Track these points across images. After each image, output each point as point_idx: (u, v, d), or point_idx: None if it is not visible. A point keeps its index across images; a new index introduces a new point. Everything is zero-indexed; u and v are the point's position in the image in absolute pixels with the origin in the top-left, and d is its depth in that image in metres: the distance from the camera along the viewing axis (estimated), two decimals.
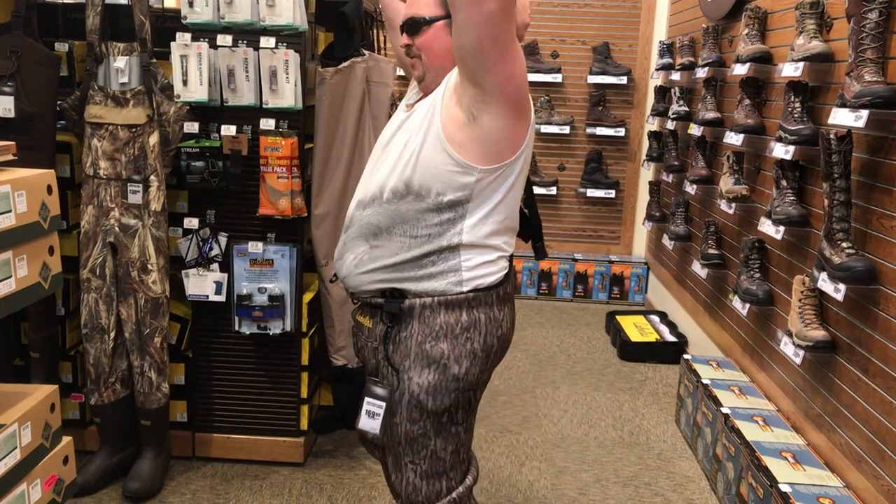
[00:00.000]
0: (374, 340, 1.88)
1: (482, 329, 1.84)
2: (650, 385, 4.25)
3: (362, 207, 1.84)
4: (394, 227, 1.79)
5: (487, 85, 1.67)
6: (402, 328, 1.82)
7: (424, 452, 1.86)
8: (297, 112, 2.86)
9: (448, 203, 1.75)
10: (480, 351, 1.84)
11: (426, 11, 1.79)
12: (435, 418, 1.84)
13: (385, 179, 1.80)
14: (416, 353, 1.81)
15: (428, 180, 1.74)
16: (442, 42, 1.80)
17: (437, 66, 1.82)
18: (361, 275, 1.84)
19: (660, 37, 5.58)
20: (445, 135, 1.73)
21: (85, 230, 2.78)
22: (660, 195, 5.27)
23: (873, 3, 2.37)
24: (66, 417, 3.07)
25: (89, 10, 2.74)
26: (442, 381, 1.81)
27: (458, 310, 1.81)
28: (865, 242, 2.53)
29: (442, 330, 1.81)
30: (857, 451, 2.51)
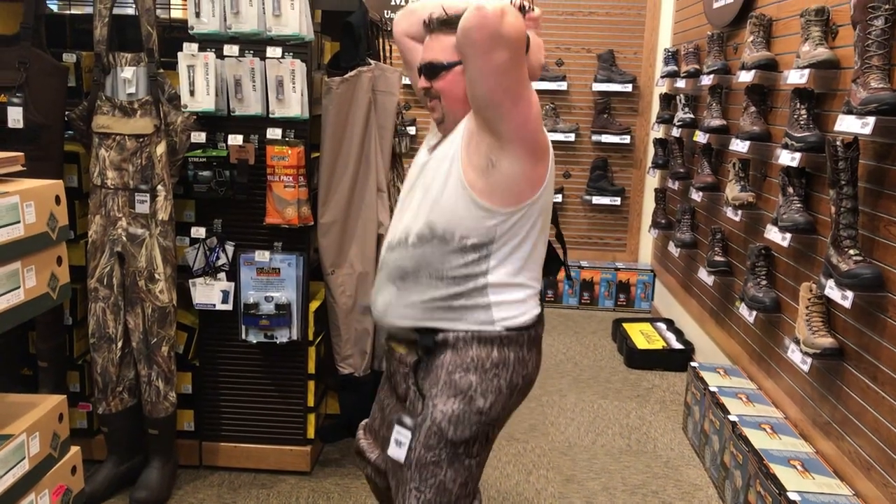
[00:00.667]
0: (405, 367, 1.93)
1: (510, 367, 1.87)
2: (657, 393, 4.24)
3: (391, 250, 1.89)
4: (420, 270, 1.83)
5: (503, 132, 1.72)
6: (436, 357, 1.87)
7: (432, 481, 1.85)
8: (303, 121, 2.87)
9: (472, 246, 1.80)
10: (506, 388, 1.87)
11: (444, 56, 1.82)
12: (452, 448, 1.84)
13: (410, 224, 1.84)
14: (445, 381, 1.85)
15: (451, 224, 1.79)
16: (461, 86, 1.82)
17: (455, 109, 1.85)
18: (393, 316, 1.89)
19: (665, 44, 5.58)
20: (467, 180, 1.77)
21: (92, 240, 2.79)
22: (665, 202, 5.27)
23: (879, 10, 2.37)
24: (74, 426, 3.08)
25: (97, 21, 2.75)
26: (466, 412, 1.84)
27: (491, 346, 1.85)
28: (873, 249, 2.52)
29: (473, 362, 1.84)
30: (866, 460, 2.50)
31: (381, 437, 2.06)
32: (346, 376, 3.03)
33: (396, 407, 2.01)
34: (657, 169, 5.27)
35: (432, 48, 1.85)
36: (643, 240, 5.91)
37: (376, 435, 2.09)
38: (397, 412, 1.96)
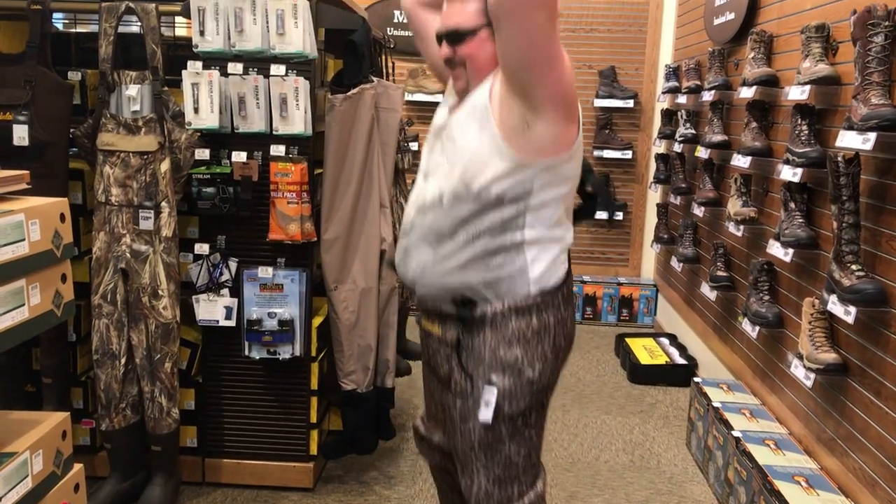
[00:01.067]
0: (445, 347, 1.92)
1: (551, 331, 1.88)
2: (661, 408, 4.23)
3: (423, 213, 1.88)
4: (457, 229, 1.82)
5: (537, 95, 1.71)
6: (475, 335, 1.86)
7: (498, 458, 1.88)
8: (306, 138, 2.89)
9: (509, 199, 1.79)
10: (551, 352, 1.88)
11: (468, 21, 1.80)
12: (510, 422, 1.86)
13: (442, 184, 1.83)
14: (491, 358, 1.85)
15: (487, 180, 1.77)
16: (486, 50, 1.81)
17: (482, 75, 1.83)
18: (430, 279, 1.88)
19: (666, 60, 5.60)
20: (502, 136, 1.76)
21: (96, 256, 2.80)
22: (668, 217, 5.27)
23: (879, 27, 2.38)
24: (77, 443, 3.07)
25: (102, 40, 2.78)
26: (517, 385, 1.85)
27: (529, 315, 1.85)
28: (875, 265, 2.52)
29: (514, 335, 1.84)
30: (871, 476, 2.49)
31: (440, 419, 2.07)
32: (349, 392, 3.03)
33: (442, 388, 2.00)
34: (659, 184, 5.29)
35: (452, 14, 1.82)
36: (646, 255, 5.92)
37: (436, 420, 2.10)
38: (443, 394, 1.96)
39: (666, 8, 5.64)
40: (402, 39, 5.63)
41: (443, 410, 2.02)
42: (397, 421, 3.79)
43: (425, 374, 2.13)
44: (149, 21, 2.76)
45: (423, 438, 2.19)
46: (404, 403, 4.06)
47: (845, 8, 2.75)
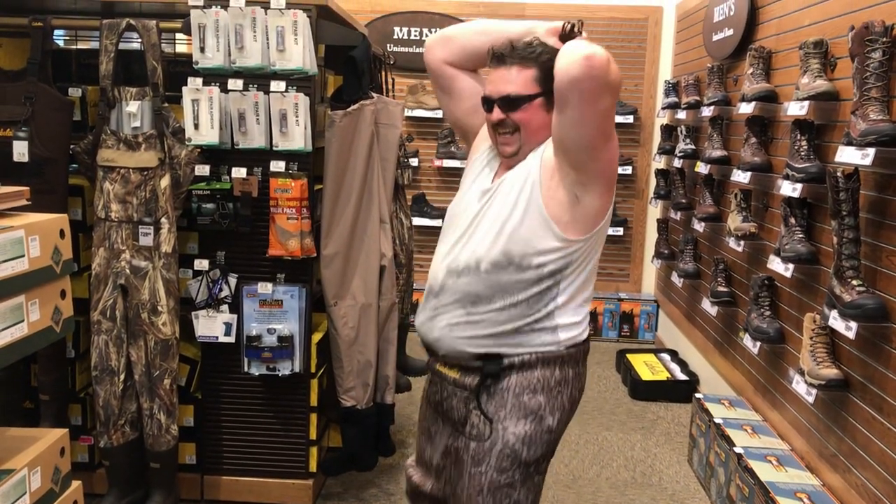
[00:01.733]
0: (462, 390, 1.93)
1: (570, 383, 1.93)
2: (662, 424, 4.21)
3: (455, 276, 1.90)
4: (494, 296, 1.86)
5: (591, 170, 1.79)
6: (499, 381, 1.89)
7: (507, 502, 1.89)
8: (306, 154, 2.89)
9: (548, 273, 1.84)
10: (568, 403, 1.94)
11: (525, 88, 1.84)
12: (524, 468, 1.89)
13: (480, 251, 1.86)
14: (514, 404, 1.88)
15: (529, 253, 1.83)
16: (540, 118, 1.86)
17: (533, 141, 1.88)
18: (458, 339, 1.90)
19: (665, 76, 5.63)
20: (550, 215, 1.82)
21: (96, 272, 2.80)
22: (668, 233, 5.27)
23: (877, 42, 2.39)
24: (75, 460, 3.05)
25: (102, 56, 2.79)
26: (537, 432, 1.88)
27: (553, 365, 1.90)
28: (876, 280, 2.52)
29: (539, 383, 1.88)
30: (873, 493, 2.48)
31: (433, 465, 2.05)
32: (349, 409, 3.02)
33: (448, 432, 1.99)
34: (659, 199, 5.29)
35: (508, 80, 1.85)
36: (646, 270, 5.91)
37: (428, 466, 2.08)
38: (453, 438, 1.97)
39: (665, 24, 5.67)
40: (402, 56, 5.65)
41: (446, 455, 2.00)
42: (397, 437, 3.77)
43: (427, 416, 2.09)
44: (149, 38, 2.77)
45: (415, 487, 2.14)
46: (404, 420, 4.05)
47: (843, 24, 2.76)
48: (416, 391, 4.30)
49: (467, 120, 2.09)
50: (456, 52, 2.01)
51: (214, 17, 2.79)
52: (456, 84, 2.04)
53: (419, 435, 2.15)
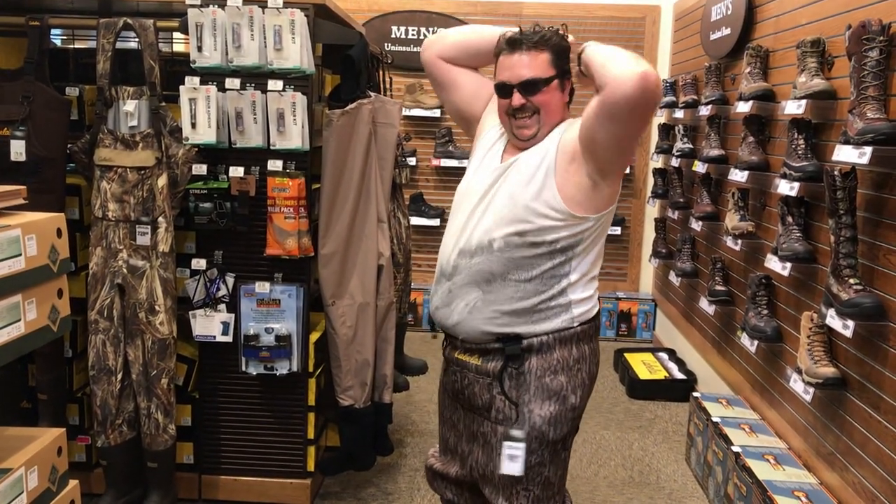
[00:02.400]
0: (485, 377, 2.00)
1: (588, 359, 2.02)
2: (660, 423, 4.21)
3: (468, 256, 1.96)
4: (508, 273, 1.93)
5: (615, 163, 1.91)
6: (521, 364, 1.96)
7: (539, 479, 2.00)
8: (304, 153, 2.89)
9: (561, 248, 1.93)
10: (588, 379, 2.03)
11: (542, 72, 1.94)
12: (552, 447, 1.99)
13: (493, 229, 1.93)
14: (537, 386, 1.96)
15: (543, 231, 1.90)
16: (557, 99, 1.97)
17: (551, 122, 1.98)
18: (477, 320, 1.96)
19: (663, 75, 5.62)
20: (563, 195, 1.89)
21: (93, 272, 2.80)
22: (665, 232, 5.28)
23: (874, 41, 2.39)
24: (73, 460, 3.05)
25: (100, 56, 2.78)
26: (562, 412, 1.97)
27: (570, 344, 1.98)
28: (873, 278, 2.52)
29: (559, 363, 1.97)
30: (870, 491, 2.48)
31: (459, 452, 2.14)
32: (347, 408, 3.02)
33: (471, 418, 2.06)
34: (657, 199, 5.29)
35: (525, 64, 1.93)
36: (644, 269, 5.91)
37: (453, 452, 2.16)
38: (477, 423, 2.04)
39: (663, 23, 5.67)
40: (400, 55, 5.65)
41: (472, 440, 2.07)
42: (395, 437, 3.78)
43: (447, 404, 2.17)
44: (146, 37, 2.76)
45: (437, 473, 2.24)
46: (402, 419, 4.05)
47: (841, 23, 2.76)
48: (413, 391, 4.30)
49: (468, 108, 2.20)
50: (448, 47, 2.14)
51: (212, 16, 2.78)
52: (452, 75, 2.16)
53: (440, 425, 2.24)
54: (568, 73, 1.99)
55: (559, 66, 1.95)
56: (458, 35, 2.15)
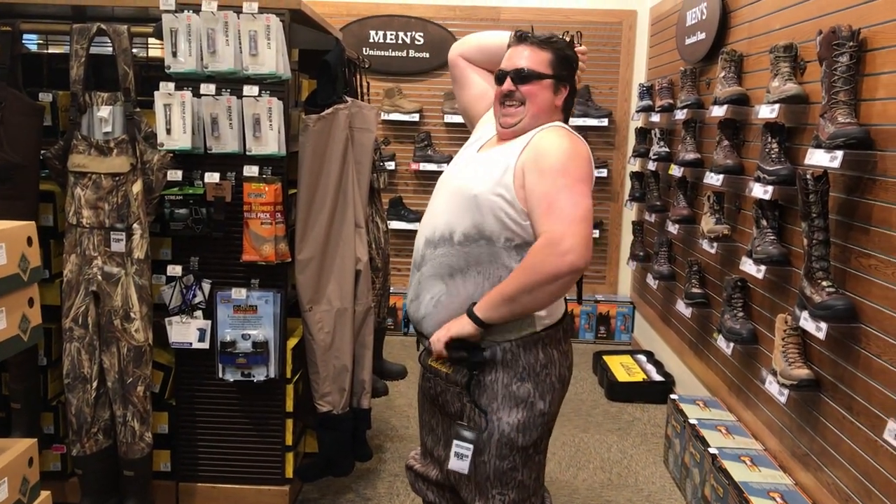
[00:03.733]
0: (455, 386, 2.03)
1: (556, 363, 2.03)
2: (638, 426, 4.23)
3: (433, 247, 2.00)
4: (468, 268, 1.96)
5: None
6: (487, 373, 1.98)
7: (512, 483, 2.03)
8: (280, 158, 2.88)
9: (516, 246, 1.93)
10: (558, 383, 2.04)
11: (539, 67, 2.01)
12: (523, 452, 2.01)
13: (454, 222, 1.96)
14: (504, 394, 1.99)
15: (498, 228, 1.92)
16: (546, 98, 2.02)
17: (534, 115, 2.01)
18: (442, 317, 1.98)
19: (639, 79, 5.66)
20: (518, 197, 1.91)
21: (67, 279, 2.77)
22: (643, 235, 5.31)
23: (844, 46, 2.42)
24: (47, 469, 3.03)
25: (73, 61, 2.76)
26: (530, 418, 1.99)
27: (535, 348, 1.99)
28: (845, 281, 2.55)
29: (525, 371, 1.98)
30: (844, 491, 2.51)
31: (437, 455, 2.18)
32: (325, 414, 3.01)
33: (448, 423, 2.10)
34: (634, 202, 5.32)
35: (523, 56, 2.02)
36: (622, 272, 5.94)
37: (432, 456, 2.21)
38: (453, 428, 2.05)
39: (639, 28, 5.71)
40: (379, 59, 5.65)
41: (449, 445, 2.09)
42: (374, 442, 3.77)
43: (426, 409, 2.21)
44: (120, 42, 2.74)
45: (418, 475, 2.28)
46: (381, 424, 4.04)
47: (812, 28, 2.80)
48: (392, 396, 4.30)
49: (473, 107, 2.31)
50: (471, 47, 2.27)
51: (186, 22, 2.77)
52: (467, 73, 2.29)
53: (420, 429, 2.27)
54: (565, 81, 2.05)
55: (558, 69, 2.02)
56: (480, 37, 2.27)
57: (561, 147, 1.93)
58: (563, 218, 1.82)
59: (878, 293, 2.36)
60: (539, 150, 1.93)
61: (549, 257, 1.80)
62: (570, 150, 1.93)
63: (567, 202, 1.84)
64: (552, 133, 1.98)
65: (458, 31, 5.62)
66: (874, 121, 2.42)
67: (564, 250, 1.79)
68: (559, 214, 1.83)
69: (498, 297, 1.88)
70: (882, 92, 2.39)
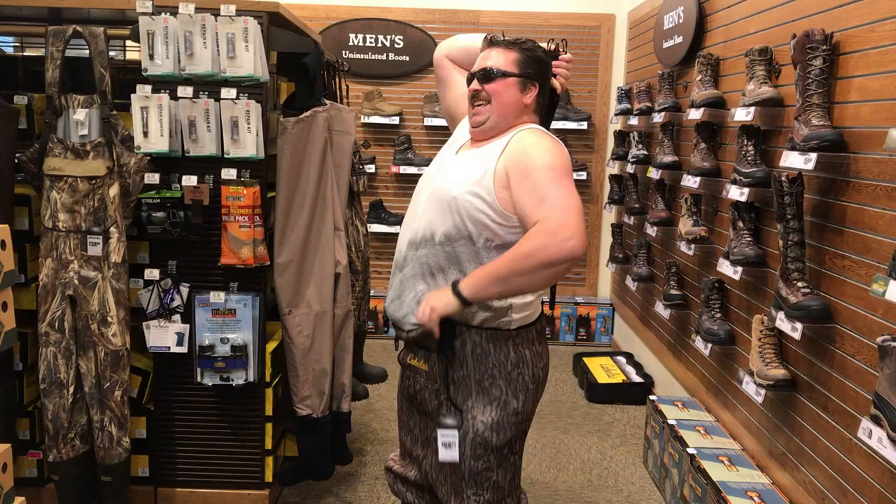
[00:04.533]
0: (433, 383, 2.05)
1: (529, 364, 2.05)
2: (618, 427, 4.25)
3: (415, 248, 2.02)
4: (450, 266, 1.98)
5: None
6: (458, 367, 2.01)
7: (487, 484, 2.03)
8: (258, 161, 2.87)
9: (495, 247, 1.96)
10: (531, 383, 2.05)
11: (503, 65, 2.04)
12: (497, 452, 2.02)
13: (435, 223, 1.98)
14: (477, 391, 2.01)
15: (478, 228, 1.95)
16: (512, 95, 2.04)
17: (501, 113, 2.04)
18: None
19: (618, 83, 5.70)
20: (499, 198, 1.93)
21: (43, 283, 2.75)
22: (622, 237, 5.34)
23: (817, 50, 2.45)
24: (23, 476, 2.99)
25: (49, 63, 2.74)
26: (504, 417, 2.01)
27: (505, 345, 2.01)
28: (820, 281, 2.58)
29: (496, 368, 2.00)
30: (820, 490, 2.53)
31: (415, 456, 2.20)
32: (305, 418, 3.00)
33: (426, 423, 2.13)
34: (613, 204, 5.35)
35: (491, 58, 2.05)
36: (602, 274, 5.97)
37: (410, 456, 2.22)
38: (430, 428, 2.09)
39: (617, 31, 5.75)
40: (358, 62, 5.65)
41: (426, 444, 2.14)
42: (354, 446, 3.76)
43: (404, 409, 2.22)
44: (97, 45, 2.73)
45: (398, 477, 2.29)
46: (362, 427, 4.03)
47: (787, 32, 2.83)
48: (373, 399, 4.29)
49: (455, 108, 2.31)
50: (457, 49, 2.29)
51: (163, 24, 2.76)
52: (452, 75, 2.30)
53: (399, 430, 2.28)
54: (533, 79, 2.06)
55: (524, 68, 2.04)
56: (467, 38, 2.28)
57: (543, 145, 1.95)
58: (560, 206, 1.82)
59: (853, 293, 2.39)
60: (520, 150, 1.94)
61: (551, 242, 1.78)
62: (552, 148, 1.95)
63: (560, 194, 1.85)
64: (530, 134, 2.00)
65: (437, 35, 5.63)
66: (847, 123, 2.45)
67: (566, 236, 1.78)
68: (554, 203, 1.83)
69: (488, 278, 1.87)
70: (855, 95, 2.42)
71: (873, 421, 2.03)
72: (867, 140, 2.35)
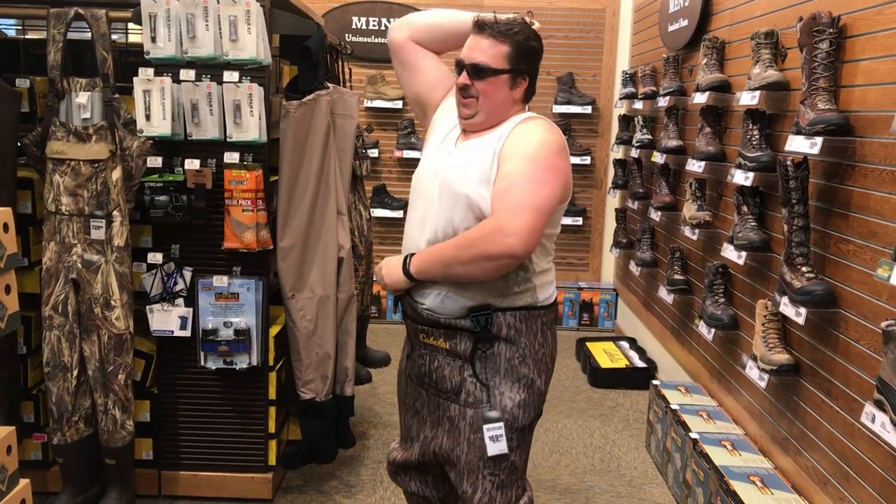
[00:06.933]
0: (456, 358, 2.01)
1: (549, 344, 2.07)
2: (621, 411, 4.26)
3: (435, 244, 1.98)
4: None
5: None
6: (491, 346, 1.99)
7: (505, 464, 2.01)
8: (261, 145, 2.86)
9: None
10: (550, 362, 2.08)
11: (495, 62, 1.95)
12: (520, 432, 2.02)
13: (455, 219, 1.95)
14: (506, 369, 1.99)
15: None
16: (502, 93, 1.98)
17: (490, 110, 1.98)
18: (452, 305, 1.98)
19: (623, 67, 5.67)
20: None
21: (47, 267, 2.75)
22: (626, 222, 5.32)
23: (824, 33, 2.43)
24: (28, 458, 3.01)
25: (50, 46, 2.73)
26: (530, 396, 2.02)
27: (535, 329, 2.01)
28: (824, 266, 2.57)
29: (526, 348, 2.00)
30: (822, 474, 2.53)
31: (421, 438, 2.15)
32: (308, 401, 3.01)
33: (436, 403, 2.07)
34: (617, 189, 5.34)
35: (481, 49, 1.95)
36: (605, 259, 5.97)
37: (415, 439, 2.18)
38: (443, 408, 2.05)
39: (622, 15, 5.71)
40: (361, 46, 5.62)
41: (437, 425, 2.09)
42: (357, 429, 3.77)
43: (409, 391, 2.18)
44: (98, 27, 2.71)
45: (399, 467, 2.25)
46: (365, 411, 4.04)
47: (793, 15, 2.80)
48: (376, 383, 4.30)
49: (428, 95, 2.20)
50: (422, 28, 2.15)
51: (165, 7, 2.74)
52: (418, 58, 2.16)
53: (403, 413, 2.25)
54: (524, 72, 2.00)
55: (516, 63, 1.96)
56: (430, 16, 2.15)
57: (536, 136, 1.93)
58: (515, 202, 1.83)
59: (857, 278, 2.38)
60: (516, 140, 1.94)
61: (491, 236, 1.82)
62: (543, 139, 1.93)
63: (524, 188, 1.84)
64: (530, 124, 1.98)
65: None
66: (853, 107, 2.43)
67: (509, 233, 1.80)
68: (511, 198, 1.84)
69: (433, 257, 1.92)
70: (861, 78, 2.40)
71: (876, 406, 2.03)
72: (874, 124, 2.33)
